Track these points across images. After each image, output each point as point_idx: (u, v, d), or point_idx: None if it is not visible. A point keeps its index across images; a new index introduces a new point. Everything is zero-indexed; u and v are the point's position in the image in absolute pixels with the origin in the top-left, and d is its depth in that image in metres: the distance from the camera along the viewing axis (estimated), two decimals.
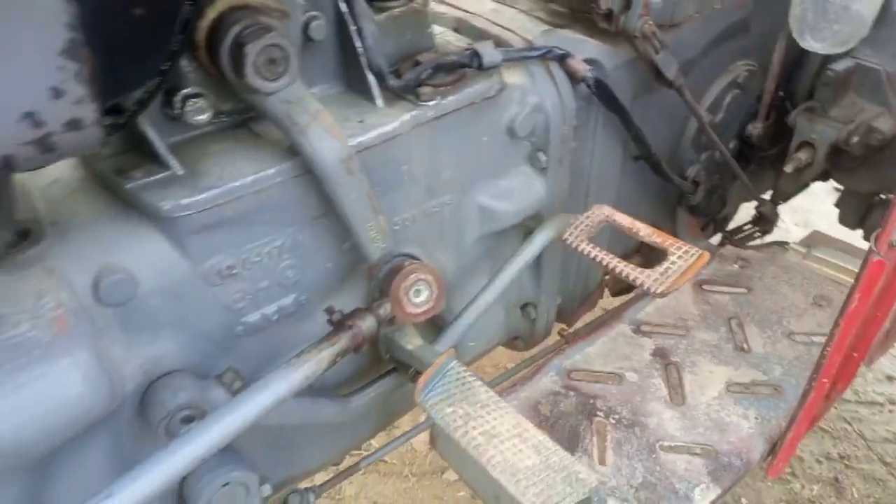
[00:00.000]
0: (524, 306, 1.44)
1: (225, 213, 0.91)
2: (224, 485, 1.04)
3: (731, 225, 1.87)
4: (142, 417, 0.93)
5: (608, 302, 1.84)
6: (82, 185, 0.94)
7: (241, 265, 0.97)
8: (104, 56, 0.56)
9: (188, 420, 0.88)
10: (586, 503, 0.79)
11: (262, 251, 0.98)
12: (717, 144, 1.49)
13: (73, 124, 0.56)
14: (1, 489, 0.74)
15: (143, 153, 0.91)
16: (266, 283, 1.01)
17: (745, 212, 1.90)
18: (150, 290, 0.89)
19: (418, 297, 1.00)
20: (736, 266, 1.60)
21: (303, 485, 1.24)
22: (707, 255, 1.08)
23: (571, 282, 1.48)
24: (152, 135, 0.88)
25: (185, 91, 0.88)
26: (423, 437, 2.34)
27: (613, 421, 1.25)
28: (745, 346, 1.39)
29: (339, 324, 0.96)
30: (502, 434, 0.85)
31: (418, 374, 1.06)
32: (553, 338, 1.52)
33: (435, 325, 1.19)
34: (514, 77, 1.16)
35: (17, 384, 0.72)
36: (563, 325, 1.56)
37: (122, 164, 0.91)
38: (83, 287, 0.83)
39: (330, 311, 0.98)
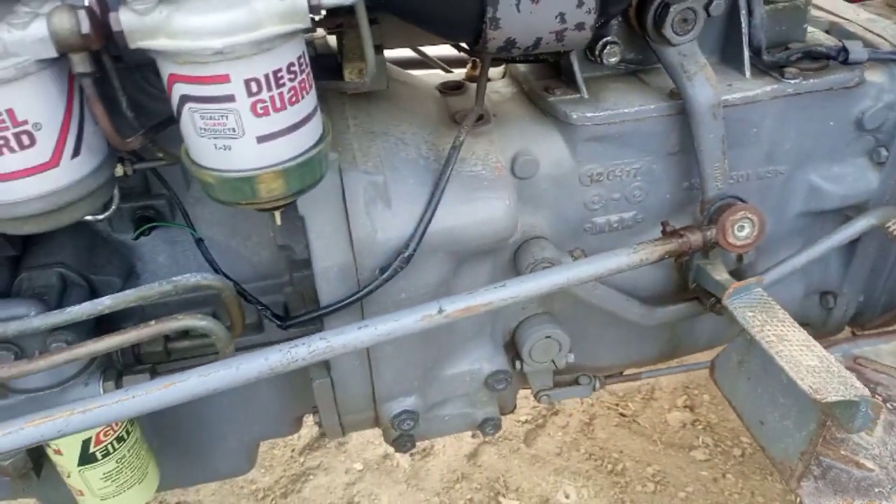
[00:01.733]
0: (824, 294, 1.55)
1: (609, 131, 1.23)
2: (546, 337, 1.38)
3: None
4: (513, 263, 1.30)
5: None
6: (515, 95, 1.35)
7: (606, 176, 1.29)
8: None
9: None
10: (854, 406, 0.95)
11: (623, 169, 1.29)
12: None
13: (580, 26, 0.92)
14: (442, 265, 1.16)
15: (563, 80, 1.28)
16: (618, 196, 1.31)
17: None
18: (544, 175, 1.25)
19: (741, 232, 1.22)
20: None
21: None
22: None
23: (881, 283, 1.55)
24: (576, 67, 1.24)
25: (606, 38, 1.22)
26: (678, 415, 2.51)
27: (890, 407, 1.33)
28: None
29: (671, 233, 1.23)
30: (792, 341, 1.05)
31: (718, 303, 1.29)
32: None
33: None
34: (874, 75, 1.31)
35: (471, 198, 1.13)
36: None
37: (548, 84, 1.29)
38: (507, 159, 1.22)
39: (665, 223, 1.26)
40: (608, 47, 1.23)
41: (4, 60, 0.66)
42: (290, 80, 0.75)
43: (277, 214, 0.90)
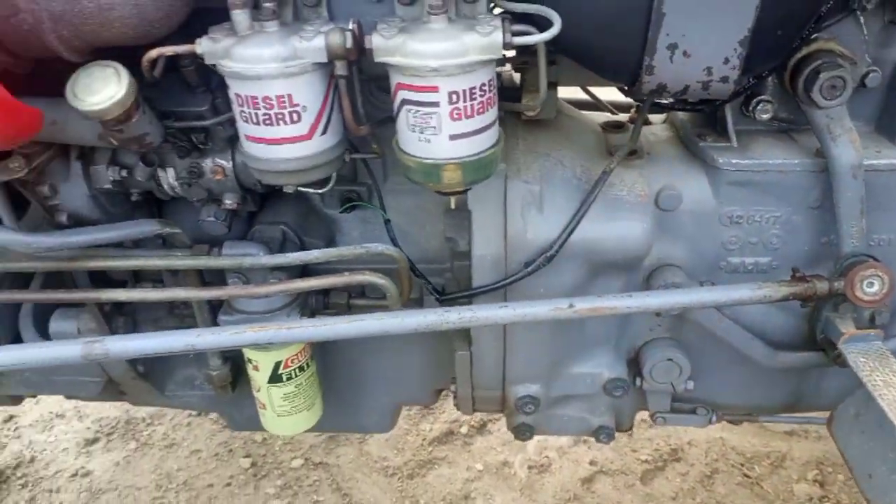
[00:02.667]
0: None
1: (753, 178, 1.36)
2: (668, 359, 1.51)
3: None
4: (645, 285, 1.46)
5: None
6: (670, 138, 1.52)
7: (746, 219, 1.41)
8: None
9: None
10: None
11: (763, 215, 1.40)
12: None
13: (724, 79, 1.10)
14: (578, 271, 1.35)
15: (716, 129, 1.43)
16: (755, 240, 1.43)
17: None
18: (685, 210, 1.40)
19: (870, 288, 1.29)
20: None
21: None
22: None
23: None
24: (729, 119, 1.39)
25: (761, 96, 1.36)
26: (806, 487, 2.43)
27: None
28: None
29: (799, 277, 1.32)
30: None
31: (841, 357, 1.36)
32: None
33: None
34: None
35: (612, 217, 1.32)
36: None
37: (701, 131, 1.44)
38: (652, 190, 1.39)
39: (795, 269, 1.36)
40: (762, 104, 1.37)
41: (294, 61, 0.97)
42: (481, 95, 1.00)
43: (453, 200, 1.15)
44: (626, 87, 1.35)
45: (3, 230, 1.21)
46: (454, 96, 0.98)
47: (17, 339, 1.56)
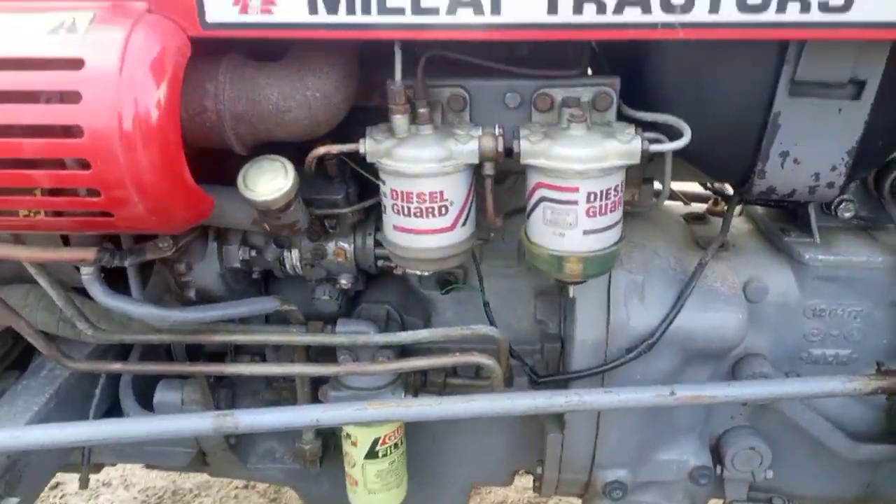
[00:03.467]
0: None
1: (837, 274, 1.45)
2: (750, 448, 1.55)
3: None
4: (730, 374, 1.51)
5: None
6: (752, 231, 1.62)
7: (828, 312, 1.48)
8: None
9: None
10: None
11: (845, 309, 1.47)
12: None
13: (830, 185, 1.20)
14: (674, 358, 1.42)
15: (796, 223, 1.53)
16: (836, 332, 1.49)
17: None
18: (771, 302, 1.48)
19: None
20: None
21: None
22: None
23: None
24: (812, 217, 1.49)
25: (844, 196, 1.46)
26: None
27: None
28: None
29: (886, 371, 1.38)
30: None
31: None
32: None
33: None
34: None
35: (709, 308, 1.39)
36: None
37: (784, 227, 1.54)
38: (740, 282, 1.47)
39: (880, 363, 1.42)
40: (844, 203, 1.47)
41: (448, 161, 1.08)
42: (614, 195, 1.10)
43: (571, 289, 1.23)
44: (730, 186, 1.46)
45: (142, 304, 1.29)
46: (592, 196, 1.08)
47: (112, 408, 1.61)
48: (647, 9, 0.94)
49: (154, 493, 2.84)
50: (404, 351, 1.53)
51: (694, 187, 1.80)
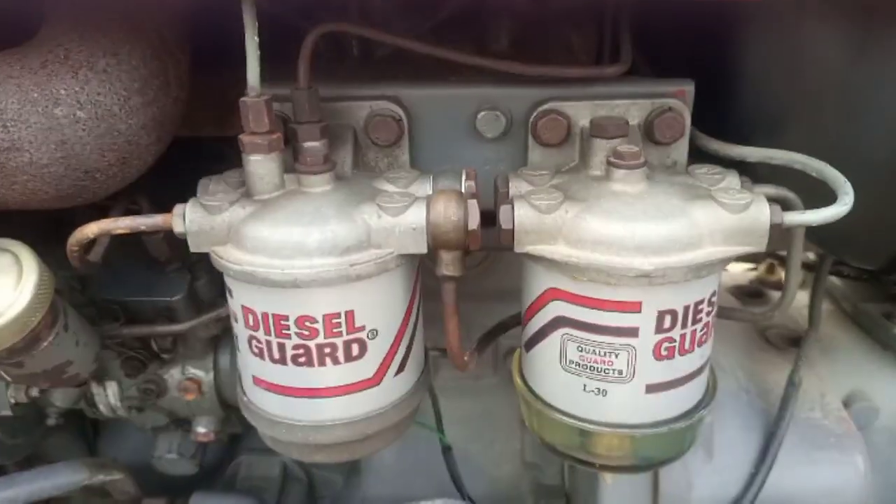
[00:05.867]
0: None
1: None
2: None
3: None
4: None
5: None
6: (833, 314, 1.09)
7: None
8: None
9: None
10: None
11: None
12: None
13: None
14: None
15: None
16: None
17: None
18: (881, 427, 0.95)
19: None
20: None
21: None
22: None
23: None
24: None
25: None
26: None
27: None
28: None
29: None
30: None
31: None
32: None
33: None
34: None
35: (813, 459, 0.85)
36: None
37: (890, 311, 1.01)
38: (837, 400, 0.94)
39: None
40: None
41: (364, 251, 0.50)
42: (707, 313, 0.54)
43: (608, 476, 0.66)
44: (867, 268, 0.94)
45: None
46: (668, 319, 0.51)
47: None
48: None
49: None
50: None
51: None
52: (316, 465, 0.97)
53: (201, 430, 0.85)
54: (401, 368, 0.57)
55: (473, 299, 0.73)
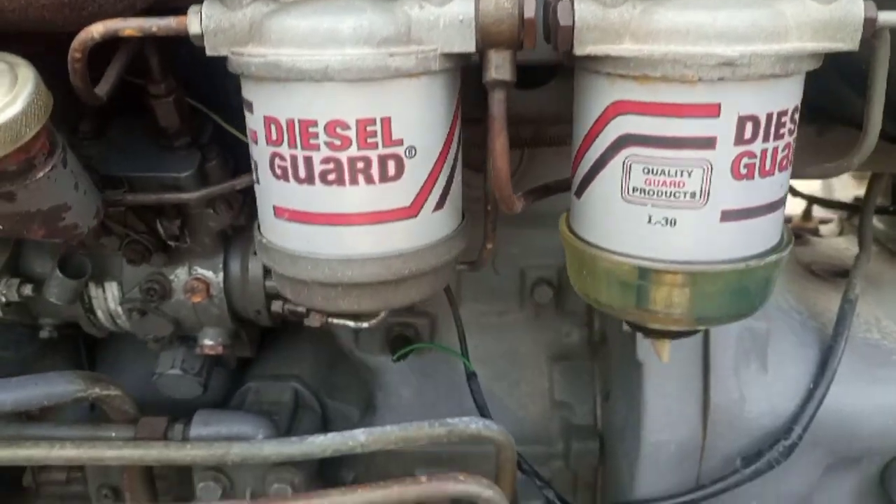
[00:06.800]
0: None
1: None
2: None
3: None
4: (880, 479, 0.90)
5: None
6: (879, 254, 1.03)
7: None
8: None
9: None
10: None
11: None
12: None
13: None
14: (815, 469, 0.79)
15: None
16: None
17: None
18: None
19: None
20: None
21: None
22: None
23: None
24: None
25: None
26: None
27: None
28: None
29: None
30: None
31: None
32: None
33: None
34: None
35: (874, 376, 0.78)
36: None
37: None
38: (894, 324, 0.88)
39: None
40: None
41: (403, 47, 0.44)
42: (790, 131, 0.48)
43: (667, 348, 0.59)
44: None
45: None
46: (749, 127, 0.45)
47: None
48: None
49: None
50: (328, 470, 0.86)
51: None
52: (330, 394, 0.90)
53: (208, 342, 0.78)
54: (440, 204, 0.51)
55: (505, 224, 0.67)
